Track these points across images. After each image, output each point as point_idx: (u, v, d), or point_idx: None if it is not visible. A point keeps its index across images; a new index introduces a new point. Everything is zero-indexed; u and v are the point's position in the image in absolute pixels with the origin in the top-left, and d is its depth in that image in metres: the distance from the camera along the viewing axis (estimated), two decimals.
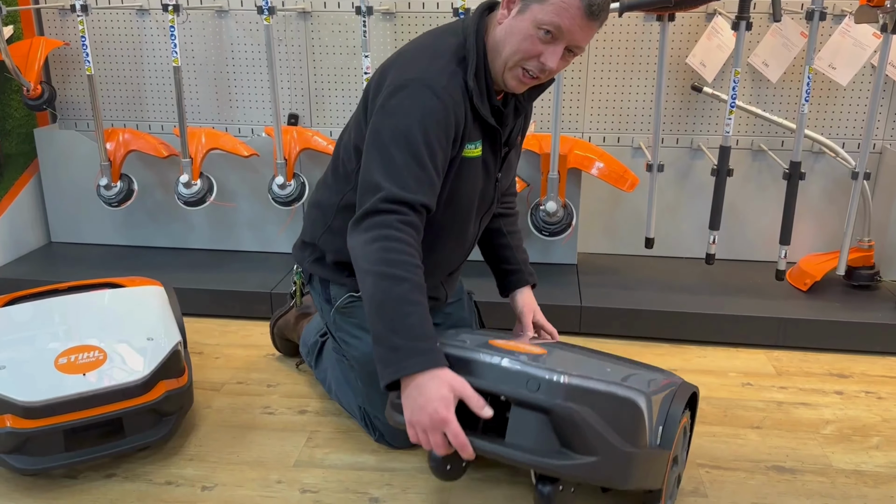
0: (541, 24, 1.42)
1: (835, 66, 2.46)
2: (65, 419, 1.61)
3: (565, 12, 1.40)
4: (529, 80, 1.51)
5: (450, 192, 1.58)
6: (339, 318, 1.76)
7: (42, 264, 2.75)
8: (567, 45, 1.45)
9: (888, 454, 1.80)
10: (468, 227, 1.70)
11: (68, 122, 2.95)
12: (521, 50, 1.46)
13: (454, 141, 1.51)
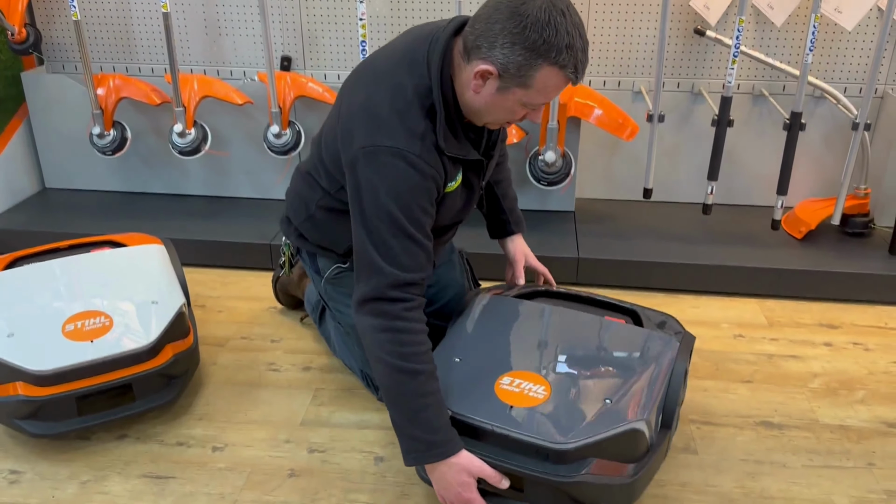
0: (528, 105, 1.41)
1: (841, 9, 2.41)
2: (76, 386, 1.65)
3: (554, 90, 1.39)
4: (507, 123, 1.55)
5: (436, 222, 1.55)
6: (330, 288, 1.79)
7: (37, 213, 2.74)
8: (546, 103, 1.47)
9: (871, 408, 1.87)
10: (449, 237, 1.77)
11: (55, 63, 2.88)
12: (504, 118, 1.48)
13: (437, 198, 1.50)
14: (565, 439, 1.37)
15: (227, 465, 1.66)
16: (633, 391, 1.50)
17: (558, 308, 1.77)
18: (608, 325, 1.72)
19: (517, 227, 1.91)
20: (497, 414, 1.42)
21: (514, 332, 1.70)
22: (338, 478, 1.63)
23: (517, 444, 1.39)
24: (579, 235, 2.53)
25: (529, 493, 1.41)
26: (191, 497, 1.57)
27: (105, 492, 1.58)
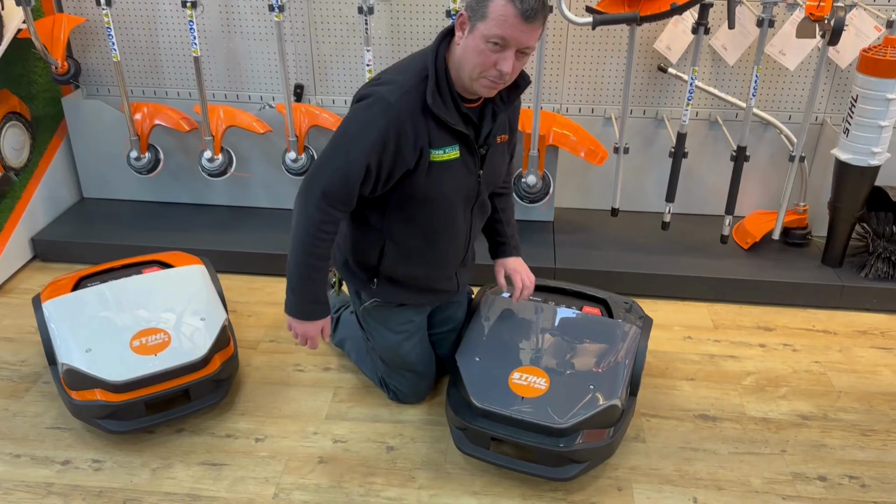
0: (488, 38, 1.65)
1: (784, 52, 2.77)
2: (144, 393, 2.04)
3: (505, 23, 1.62)
4: (496, 84, 1.73)
5: (427, 192, 1.86)
6: (366, 314, 2.14)
7: (78, 225, 3.09)
8: (516, 49, 1.67)
9: (791, 403, 2.30)
10: (456, 220, 1.96)
11: (90, 87, 3.21)
12: (478, 64, 1.69)
13: (398, 148, 1.76)
14: (563, 420, 1.87)
15: (268, 453, 2.07)
16: (608, 375, 2.00)
17: (548, 305, 2.25)
18: (587, 319, 2.19)
19: (515, 252, 2.22)
20: (513, 404, 1.91)
21: (517, 331, 2.17)
22: (357, 464, 2.04)
23: (530, 426, 1.89)
24: (556, 247, 2.92)
25: (539, 458, 1.90)
26: (241, 481, 1.98)
27: (172, 477, 1.99)
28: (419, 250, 1.99)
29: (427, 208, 1.91)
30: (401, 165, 1.80)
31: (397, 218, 1.94)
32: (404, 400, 2.25)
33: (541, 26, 1.68)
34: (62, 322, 2.16)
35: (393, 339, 2.11)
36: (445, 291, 2.14)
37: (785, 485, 1.99)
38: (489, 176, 1.99)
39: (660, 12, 2.34)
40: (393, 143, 1.75)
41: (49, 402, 2.25)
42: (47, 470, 2.01)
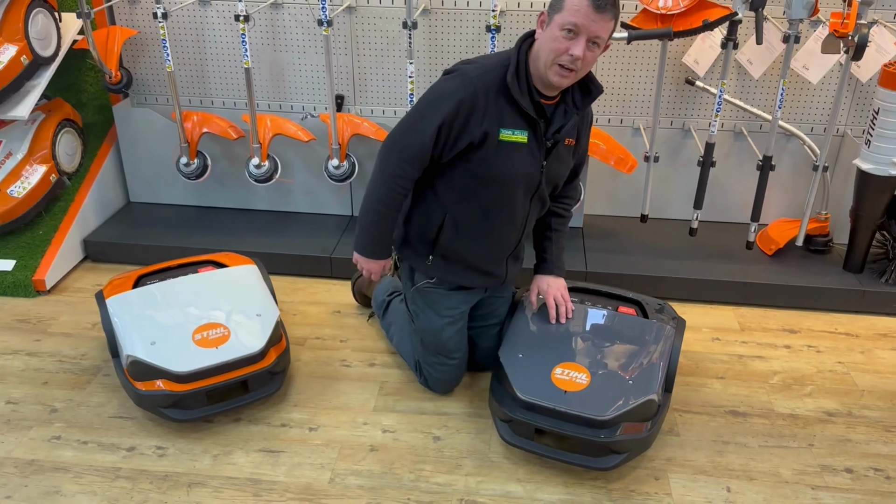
0: (562, 26, 1.83)
1: (808, 67, 2.89)
2: (206, 383, 2.16)
3: (578, 11, 1.80)
4: (567, 72, 1.88)
5: (493, 169, 2.01)
6: (416, 295, 2.29)
7: (126, 227, 3.23)
8: (587, 37, 1.83)
9: (817, 400, 2.40)
10: (515, 203, 2.09)
11: (139, 97, 3.35)
12: (552, 49, 1.86)
13: (467, 119, 1.94)
14: (604, 413, 1.97)
15: (321, 441, 2.19)
16: (646, 370, 2.10)
17: (585, 307, 2.35)
18: (623, 318, 2.30)
19: (557, 271, 2.33)
20: (557, 398, 2.01)
21: (556, 329, 2.27)
22: (407, 452, 2.15)
23: (573, 418, 1.99)
24: (587, 251, 3.04)
25: (581, 448, 2.02)
26: (298, 467, 2.09)
27: (233, 462, 2.11)
28: (476, 228, 2.13)
29: (490, 186, 2.05)
30: (466, 136, 1.97)
31: (460, 194, 2.08)
32: (434, 387, 2.37)
33: (611, 19, 1.85)
34: (126, 317, 2.29)
35: (437, 323, 2.25)
36: (495, 276, 2.25)
37: (813, 476, 2.09)
38: (552, 170, 2.12)
39: (692, 28, 2.47)
40: (465, 113, 1.94)
41: (111, 393, 2.37)
42: (114, 456, 2.13)
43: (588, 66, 1.93)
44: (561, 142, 2.07)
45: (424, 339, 2.31)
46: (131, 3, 3.14)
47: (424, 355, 2.34)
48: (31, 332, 2.68)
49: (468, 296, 2.29)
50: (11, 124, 2.98)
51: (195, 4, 3.10)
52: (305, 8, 3.06)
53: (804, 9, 2.46)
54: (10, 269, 2.88)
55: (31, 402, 2.34)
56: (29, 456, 2.12)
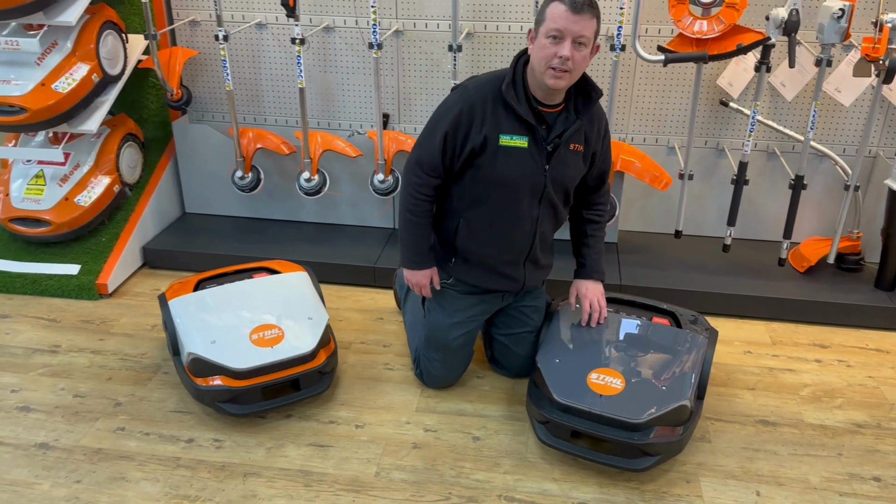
0: (547, 34, 2.01)
1: (840, 90, 2.98)
2: (261, 380, 2.30)
3: (558, 17, 1.98)
4: (561, 73, 2.03)
5: (496, 172, 2.17)
6: (436, 293, 2.45)
7: (182, 236, 3.41)
8: (572, 38, 1.99)
9: (847, 412, 2.47)
10: (521, 206, 2.24)
11: (196, 114, 3.55)
12: (543, 57, 2.03)
13: (469, 126, 2.13)
14: (638, 417, 2.07)
15: (367, 438, 2.31)
16: (679, 378, 2.20)
17: (620, 316, 2.45)
18: (657, 328, 2.39)
19: (595, 275, 2.45)
20: (593, 401, 2.12)
21: (592, 336, 2.38)
22: (448, 450, 2.27)
23: (609, 420, 2.09)
24: (621, 266, 3.14)
25: (615, 450, 2.11)
26: (346, 461, 2.22)
27: (285, 455, 2.24)
28: (487, 231, 2.29)
29: (495, 189, 2.22)
30: (469, 142, 2.16)
31: (471, 198, 2.26)
32: (429, 382, 2.52)
33: (591, 18, 2.01)
34: (187, 318, 2.44)
35: (446, 322, 2.41)
36: (512, 279, 2.39)
37: (841, 483, 2.16)
38: (557, 174, 2.24)
39: (726, 52, 2.58)
40: (466, 122, 2.14)
41: (170, 390, 2.53)
42: (174, 446, 2.28)
43: (580, 67, 2.07)
44: (564, 146, 2.20)
45: (431, 334, 2.46)
46: (192, 25, 3.35)
47: (427, 350, 2.49)
48: (95, 332, 2.85)
49: (483, 303, 2.43)
50: (79, 138, 3.19)
51: (252, 28, 3.29)
52: (355, 32, 3.24)
53: (836, 34, 2.56)
54: (75, 273, 3.07)
55: (96, 395, 2.50)
56: (96, 445, 2.28)
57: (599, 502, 2.08)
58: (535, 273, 2.44)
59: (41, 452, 2.24)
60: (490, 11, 3.12)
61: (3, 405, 2.45)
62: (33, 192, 3.11)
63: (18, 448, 2.26)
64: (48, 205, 3.08)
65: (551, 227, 2.39)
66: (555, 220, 2.37)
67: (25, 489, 2.11)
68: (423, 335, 2.51)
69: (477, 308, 2.44)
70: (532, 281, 2.44)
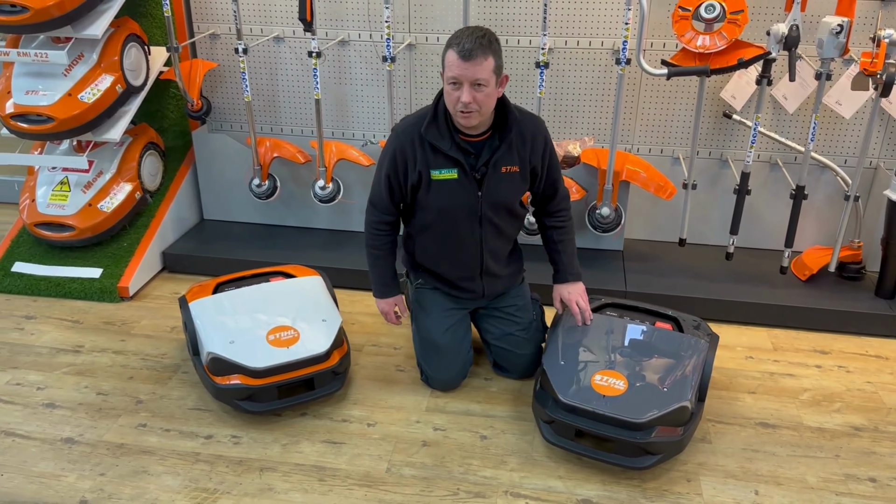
0: (448, 81, 2.18)
1: (840, 102, 3.06)
2: (278, 379, 2.40)
3: (452, 66, 2.14)
4: (468, 114, 2.19)
5: (431, 203, 2.37)
6: (415, 296, 2.64)
7: (200, 242, 3.52)
8: (469, 83, 2.13)
9: (845, 416, 2.53)
10: (459, 230, 2.42)
11: (214, 123, 3.66)
12: (450, 102, 2.21)
13: (405, 166, 2.33)
14: (641, 417, 2.14)
15: (379, 436, 2.40)
16: (680, 379, 2.27)
17: (623, 320, 2.54)
18: (660, 332, 2.47)
19: (571, 277, 2.58)
20: (597, 402, 2.20)
21: (597, 340, 2.46)
22: (456, 448, 2.35)
23: (612, 420, 2.17)
24: (626, 273, 3.22)
25: (618, 449, 2.19)
26: (359, 457, 2.31)
27: (300, 451, 2.33)
28: (435, 251, 2.52)
29: (435, 217, 2.42)
30: (408, 179, 2.35)
31: (419, 225, 2.48)
32: (434, 385, 2.62)
33: (485, 60, 2.12)
34: (207, 319, 2.54)
35: (428, 323, 2.57)
36: (472, 291, 2.57)
37: (838, 483, 2.23)
38: (491, 198, 2.39)
39: (728, 66, 2.67)
40: (401, 162, 2.34)
41: (190, 388, 2.62)
42: (194, 442, 2.37)
43: (486, 104, 2.20)
44: (494, 171, 2.34)
45: (421, 336, 2.59)
46: (212, 39, 3.46)
47: (422, 353, 2.61)
48: (117, 333, 2.96)
49: (458, 301, 2.60)
50: (103, 146, 3.31)
51: (270, 41, 3.40)
52: (369, 45, 3.35)
53: (835, 49, 2.64)
54: (97, 276, 3.18)
55: (118, 394, 2.60)
56: (119, 440, 2.37)
57: (603, 499, 2.16)
58: (493, 283, 2.58)
59: (67, 447, 2.34)
60: (501, 25, 3.22)
61: (29, 402, 2.55)
62: (58, 197, 3.22)
63: (45, 442, 2.36)
64: (72, 210, 3.20)
65: (500, 243, 2.53)
66: (501, 236, 2.51)
67: (52, 481, 2.20)
68: (417, 340, 2.64)
69: (453, 305, 2.60)
70: (492, 289, 2.59)
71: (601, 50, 3.24)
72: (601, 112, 3.35)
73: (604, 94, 3.31)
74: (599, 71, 3.27)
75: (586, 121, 3.38)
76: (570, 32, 3.22)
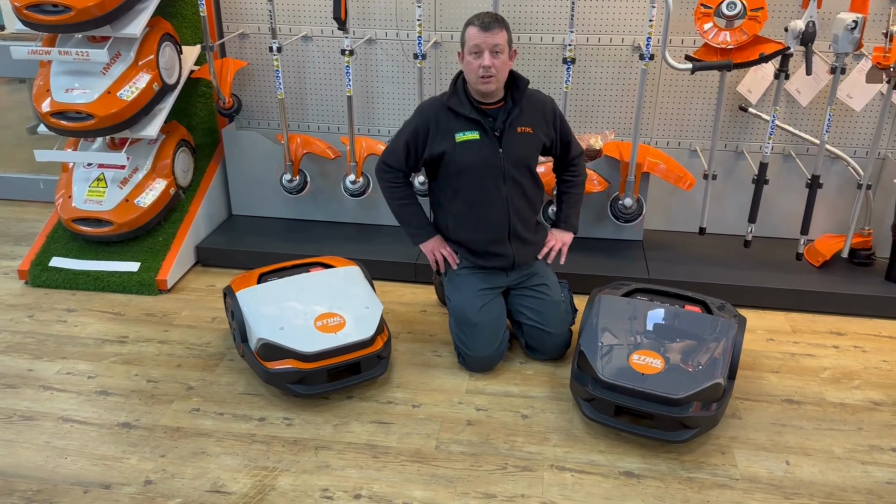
0: (470, 52, 2.49)
1: (851, 96, 3.20)
2: (327, 363, 2.50)
3: (474, 36, 2.46)
4: (488, 78, 2.48)
5: (459, 163, 2.60)
6: (448, 282, 2.82)
7: (232, 236, 3.61)
8: (489, 50, 2.44)
9: (865, 392, 2.67)
10: (487, 187, 2.64)
11: (241, 120, 3.75)
12: (471, 70, 2.50)
13: (426, 136, 2.61)
14: (679, 393, 2.26)
15: (425, 416, 2.50)
16: (712, 359, 2.39)
17: (654, 303, 2.66)
18: (690, 314, 2.59)
19: (564, 226, 2.86)
20: (637, 380, 2.32)
21: (631, 322, 2.58)
22: (499, 427, 2.46)
23: (651, 396, 2.29)
24: (648, 261, 3.34)
25: (658, 423, 2.31)
26: (408, 436, 2.41)
27: (351, 431, 2.43)
28: (466, 215, 2.70)
29: (463, 177, 2.64)
30: (428, 149, 2.63)
31: (448, 192, 2.71)
32: (471, 366, 2.73)
33: (500, 31, 2.46)
34: (254, 307, 2.64)
35: (461, 299, 2.72)
36: (504, 256, 2.73)
37: (863, 453, 2.36)
38: (510, 154, 2.63)
39: (750, 60, 2.80)
40: (423, 133, 2.63)
41: (237, 375, 2.72)
42: (248, 425, 2.46)
43: (503, 70, 2.50)
44: (510, 131, 2.61)
45: (455, 316, 2.73)
46: (241, 38, 3.56)
47: (457, 332, 2.73)
48: (159, 324, 3.05)
49: (489, 278, 2.77)
50: (137, 143, 3.39)
51: (298, 41, 3.50)
52: (395, 43, 3.45)
53: (849, 44, 2.78)
54: (135, 270, 3.27)
55: (168, 381, 2.69)
56: (175, 424, 2.47)
57: (643, 471, 2.28)
58: (523, 249, 2.76)
59: (125, 431, 2.43)
60: (527, 23, 3.34)
61: (82, 390, 2.64)
62: (95, 194, 3.30)
63: (103, 427, 2.45)
64: (110, 206, 3.28)
65: (526, 205, 2.73)
66: (525, 197, 2.71)
67: (115, 462, 2.29)
68: (452, 322, 2.77)
69: (486, 282, 2.75)
70: (522, 256, 2.77)
71: (622, 47, 3.36)
72: (622, 106, 3.48)
73: (625, 89, 3.44)
74: (620, 67, 3.40)
75: (608, 115, 3.51)
76: (592, 30, 3.34)
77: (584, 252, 3.33)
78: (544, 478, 2.24)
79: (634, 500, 2.16)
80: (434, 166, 2.70)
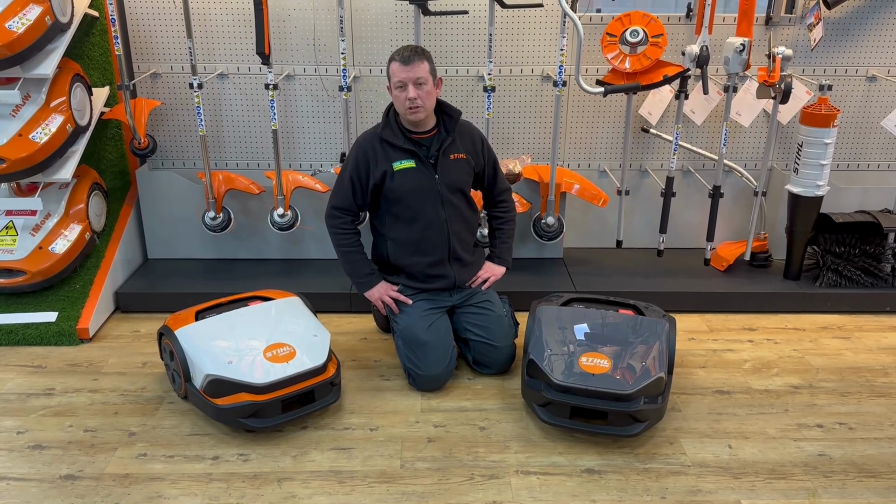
0: (395, 86, 2.62)
1: (740, 113, 3.53)
2: (281, 393, 2.46)
3: (397, 71, 2.59)
4: (415, 109, 2.62)
5: (398, 191, 2.72)
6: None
7: (152, 279, 3.49)
8: (412, 82, 2.57)
9: (784, 378, 2.90)
10: (426, 211, 2.75)
11: (154, 161, 3.66)
12: (399, 102, 2.65)
13: (367, 167, 2.72)
14: (627, 389, 2.38)
15: (384, 438, 2.50)
16: (653, 356, 2.53)
17: (591, 310, 2.80)
18: (626, 317, 2.74)
19: (497, 261, 3.00)
20: (588, 380, 2.43)
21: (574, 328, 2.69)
22: (460, 440, 2.50)
23: (603, 394, 2.40)
24: (572, 275, 3.51)
25: (611, 420, 2.41)
26: (371, 458, 2.39)
27: (312, 460, 2.39)
28: (407, 239, 2.79)
29: (403, 204, 2.75)
30: (370, 178, 2.73)
31: (388, 220, 2.80)
32: (420, 385, 2.77)
33: (421, 63, 2.59)
34: (197, 343, 2.57)
35: (407, 321, 2.79)
36: (445, 277, 2.84)
37: (793, 431, 2.56)
38: (446, 179, 2.77)
39: (655, 82, 3.04)
40: (363, 164, 2.74)
41: (181, 416, 2.62)
42: (202, 464, 2.38)
43: (430, 98, 2.65)
44: (444, 157, 2.75)
45: (403, 337, 2.79)
46: (153, 77, 3.50)
47: (406, 353, 2.78)
48: (87, 374, 2.89)
49: (434, 299, 2.86)
50: (48, 188, 3.24)
51: (215, 79, 3.48)
52: (314, 79, 3.50)
53: (739, 65, 3.08)
54: (53, 319, 3.09)
55: (107, 429, 2.56)
56: (123, 471, 2.34)
57: (603, 467, 2.37)
58: (462, 270, 2.88)
59: (69, 483, 2.29)
60: (446, 56, 3.47)
61: (13, 446, 2.46)
62: (5, 243, 3.12)
63: (44, 482, 2.29)
64: (22, 254, 3.11)
65: (464, 227, 2.86)
66: (463, 220, 2.85)
67: None
68: (399, 343, 2.81)
69: (431, 303, 2.84)
70: (462, 277, 2.88)
71: (531, 76, 3.56)
72: (536, 132, 3.67)
73: (538, 116, 3.63)
74: (532, 95, 3.59)
75: (523, 140, 3.68)
76: (506, 62, 3.52)
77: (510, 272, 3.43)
78: (512, 483, 2.29)
79: (600, 495, 2.25)
80: (375, 196, 2.78)
